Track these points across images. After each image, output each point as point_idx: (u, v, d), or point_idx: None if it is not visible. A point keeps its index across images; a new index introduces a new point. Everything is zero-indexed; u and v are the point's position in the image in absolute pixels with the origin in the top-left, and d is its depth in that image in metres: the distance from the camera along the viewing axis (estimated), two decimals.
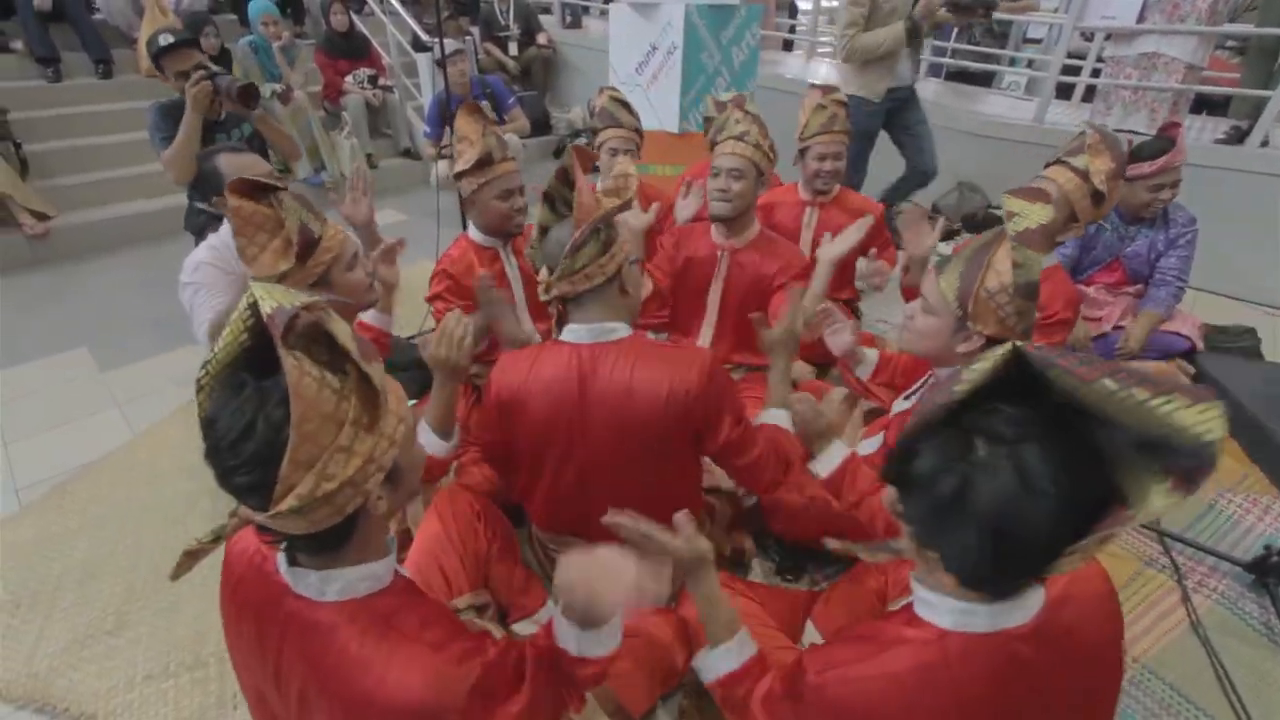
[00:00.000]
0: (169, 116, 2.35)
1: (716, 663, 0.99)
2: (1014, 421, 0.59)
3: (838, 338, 1.66)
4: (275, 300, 0.61)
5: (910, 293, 1.81)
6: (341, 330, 0.64)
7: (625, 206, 1.17)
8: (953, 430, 0.62)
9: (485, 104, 3.91)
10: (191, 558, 0.68)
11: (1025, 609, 0.69)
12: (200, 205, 2.51)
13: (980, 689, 0.68)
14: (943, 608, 0.71)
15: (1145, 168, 2.12)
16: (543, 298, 1.21)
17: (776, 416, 1.34)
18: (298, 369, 0.59)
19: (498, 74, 4.99)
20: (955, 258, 1.20)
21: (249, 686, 0.86)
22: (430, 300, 1.83)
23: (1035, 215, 1.14)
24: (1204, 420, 0.49)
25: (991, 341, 1.16)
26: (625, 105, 2.39)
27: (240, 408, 0.60)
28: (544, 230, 1.24)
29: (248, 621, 0.80)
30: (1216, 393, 0.51)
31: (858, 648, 0.76)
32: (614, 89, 2.47)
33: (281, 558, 0.75)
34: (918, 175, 3.23)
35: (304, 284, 1.26)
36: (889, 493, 0.71)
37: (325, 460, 0.61)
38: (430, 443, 1.25)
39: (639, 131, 2.40)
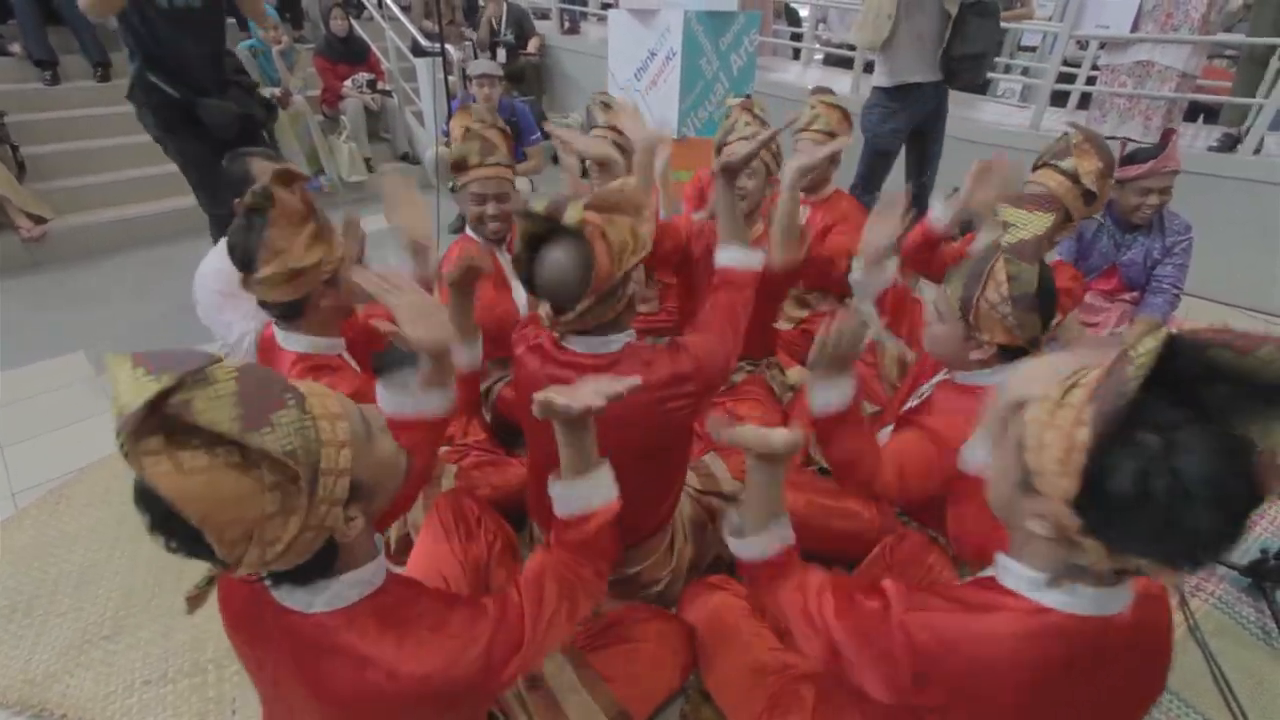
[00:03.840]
0: None
1: (754, 546, 0.96)
2: (1166, 405, 0.58)
3: (881, 228, 1.53)
4: (123, 400, 0.51)
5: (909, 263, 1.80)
6: (213, 410, 0.54)
7: (628, 279, 1.09)
8: (1122, 434, 0.58)
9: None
10: (194, 603, 0.66)
11: (1122, 599, 0.70)
12: (220, 214, 2.49)
13: (1071, 671, 0.69)
14: (1045, 584, 0.70)
15: (1132, 171, 2.15)
16: (544, 325, 1.17)
17: (733, 257, 1.32)
18: (172, 472, 0.53)
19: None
20: (959, 267, 1.23)
21: (259, 687, 0.86)
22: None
23: (1034, 225, 1.15)
24: None
25: (1004, 349, 1.17)
26: (607, 106, 2.40)
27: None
28: (529, 242, 1.08)
29: (241, 633, 0.80)
30: None
31: (947, 602, 0.75)
32: (603, 93, 2.49)
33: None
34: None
35: (318, 280, 1.28)
36: (1068, 520, 0.63)
37: (260, 530, 0.58)
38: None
39: (619, 130, 2.33)
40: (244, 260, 1.24)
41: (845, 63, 5.12)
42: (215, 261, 1.80)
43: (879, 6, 2.65)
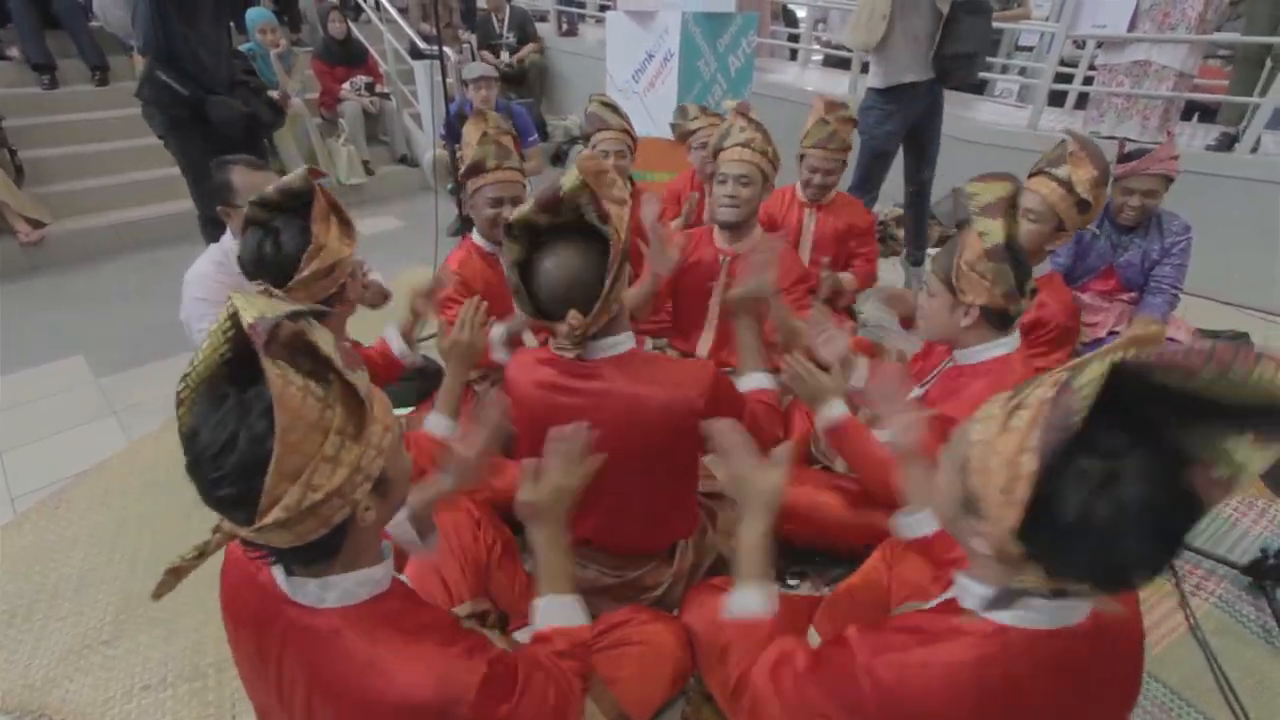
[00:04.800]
0: None
1: (748, 601, 0.94)
2: (1111, 429, 0.57)
3: (830, 346, 1.53)
4: (257, 310, 0.60)
5: (905, 323, 1.87)
6: (324, 339, 0.63)
7: (628, 247, 1.10)
8: (1067, 464, 0.58)
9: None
10: (175, 575, 0.67)
11: (1081, 608, 0.68)
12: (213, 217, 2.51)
13: (1038, 686, 0.68)
14: (992, 603, 0.69)
15: (1119, 169, 2.15)
16: (573, 339, 1.12)
17: (756, 380, 1.37)
18: (281, 378, 0.58)
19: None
20: (944, 247, 1.36)
21: (255, 701, 0.86)
22: (439, 304, 1.81)
23: (993, 191, 1.28)
24: None
25: (985, 311, 1.28)
26: (613, 108, 2.44)
27: (222, 420, 0.59)
28: (521, 267, 1.09)
29: (246, 632, 0.80)
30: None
31: (908, 636, 0.74)
32: (602, 94, 2.52)
33: (277, 567, 0.74)
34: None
35: (347, 272, 1.31)
36: (1010, 546, 0.62)
37: (311, 471, 0.60)
38: (442, 426, 1.33)
39: (629, 133, 2.43)
40: (280, 268, 1.21)
41: (843, 64, 5.12)
42: (201, 267, 1.79)
43: (873, 7, 2.65)
